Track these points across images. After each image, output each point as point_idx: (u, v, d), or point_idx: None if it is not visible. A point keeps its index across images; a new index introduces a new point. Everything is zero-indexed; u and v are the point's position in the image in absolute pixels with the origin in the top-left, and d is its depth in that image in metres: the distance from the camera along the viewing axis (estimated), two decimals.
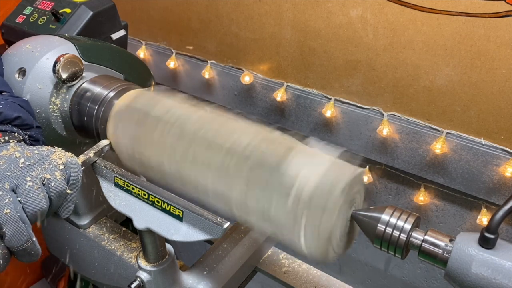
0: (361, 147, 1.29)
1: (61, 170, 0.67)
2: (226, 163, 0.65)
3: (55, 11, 1.05)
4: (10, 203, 0.61)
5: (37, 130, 0.79)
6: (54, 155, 0.69)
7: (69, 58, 0.82)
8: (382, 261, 1.52)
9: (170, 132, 0.72)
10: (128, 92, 0.83)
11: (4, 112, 0.74)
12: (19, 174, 0.64)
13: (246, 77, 1.42)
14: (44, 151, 0.69)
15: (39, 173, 0.65)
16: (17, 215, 0.61)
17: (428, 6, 1.06)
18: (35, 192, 0.63)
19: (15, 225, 0.61)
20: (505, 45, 0.99)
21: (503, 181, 1.10)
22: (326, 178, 0.60)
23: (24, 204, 0.63)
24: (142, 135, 0.75)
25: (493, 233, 0.55)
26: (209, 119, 0.72)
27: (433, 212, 1.29)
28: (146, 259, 0.81)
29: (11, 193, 0.62)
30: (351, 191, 0.62)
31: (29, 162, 0.66)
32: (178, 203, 0.71)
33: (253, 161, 0.63)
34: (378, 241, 0.63)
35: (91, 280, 1.05)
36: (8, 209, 0.60)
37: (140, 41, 1.66)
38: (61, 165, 0.68)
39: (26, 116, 0.77)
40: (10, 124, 0.75)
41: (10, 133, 0.74)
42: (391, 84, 1.19)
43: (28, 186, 0.63)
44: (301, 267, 0.95)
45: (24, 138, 0.76)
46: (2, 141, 0.72)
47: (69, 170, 0.68)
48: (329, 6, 1.19)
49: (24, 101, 0.80)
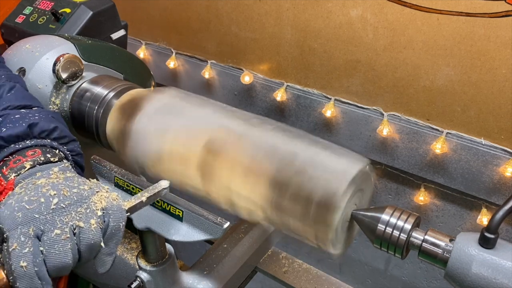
0: (361, 147, 1.29)
1: (98, 217, 0.57)
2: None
3: (55, 11, 1.05)
4: (29, 253, 0.53)
5: (75, 143, 0.72)
6: (96, 197, 0.59)
7: (69, 58, 0.82)
8: (382, 261, 1.51)
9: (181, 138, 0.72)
10: (129, 92, 0.83)
11: (41, 123, 0.67)
12: (49, 218, 0.55)
13: (246, 77, 1.42)
14: (85, 190, 0.59)
15: (72, 218, 0.55)
16: (35, 270, 0.52)
17: (428, 6, 1.06)
18: (62, 243, 0.54)
19: (30, 281, 0.52)
20: (505, 45, 0.99)
21: (503, 181, 1.10)
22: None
23: (46, 256, 0.54)
24: (150, 135, 0.74)
25: (493, 233, 0.55)
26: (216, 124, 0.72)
27: (433, 212, 1.29)
28: (146, 259, 0.80)
29: (34, 241, 0.53)
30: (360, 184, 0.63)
31: (63, 204, 0.56)
32: (178, 203, 0.71)
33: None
34: (378, 241, 0.63)
35: (91, 280, 1.05)
36: (25, 262, 0.52)
37: (140, 41, 1.66)
38: (99, 210, 0.57)
39: (62, 127, 0.70)
40: (49, 138, 0.68)
41: (51, 149, 0.66)
42: (391, 84, 1.19)
43: (54, 235, 0.54)
44: (301, 267, 0.95)
45: (66, 154, 0.69)
46: (43, 159, 0.63)
47: (108, 217, 0.58)
48: (329, 6, 1.19)
49: (56, 113, 0.75)
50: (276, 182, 0.63)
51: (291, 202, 0.63)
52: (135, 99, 0.79)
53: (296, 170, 0.63)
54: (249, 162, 0.65)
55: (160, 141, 0.73)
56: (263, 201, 0.65)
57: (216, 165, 0.68)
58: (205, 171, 0.69)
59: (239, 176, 0.66)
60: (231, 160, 0.67)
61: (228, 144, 0.68)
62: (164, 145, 0.72)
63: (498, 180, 1.11)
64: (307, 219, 0.62)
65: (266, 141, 0.67)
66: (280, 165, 0.64)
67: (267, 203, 0.65)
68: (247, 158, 0.66)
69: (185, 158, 0.71)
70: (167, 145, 0.72)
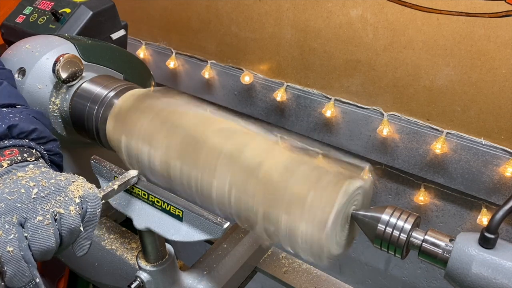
0: (361, 147, 1.29)
1: (76, 204, 0.61)
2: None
3: (55, 11, 1.05)
4: (15, 239, 0.56)
5: (54, 143, 0.75)
6: (72, 186, 0.63)
7: (69, 58, 0.82)
8: (382, 261, 1.51)
9: (176, 136, 0.72)
10: (129, 92, 0.83)
11: (20, 124, 0.69)
12: (30, 207, 0.59)
13: (246, 77, 1.42)
14: (62, 180, 0.63)
15: (52, 206, 0.60)
16: (21, 254, 0.56)
17: (428, 6, 1.06)
18: (44, 228, 0.58)
19: (17, 264, 0.56)
20: (505, 45, 0.99)
21: (503, 181, 1.10)
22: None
23: (31, 241, 0.57)
24: (150, 136, 0.74)
25: (493, 233, 0.55)
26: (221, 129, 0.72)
27: (433, 212, 1.29)
28: (146, 259, 0.80)
29: (18, 228, 0.57)
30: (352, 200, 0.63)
31: (43, 193, 0.60)
32: (178, 203, 0.71)
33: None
34: (378, 241, 0.63)
35: (91, 280, 1.05)
36: (11, 247, 0.56)
37: (140, 41, 1.66)
38: (77, 198, 0.62)
39: (42, 128, 0.73)
40: (27, 138, 0.71)
41: (28, 149, 0.70)
42: (391, 84, 1.19)
43: (37, 221, 0.58)
44: (301, 267, 0.95)
45: (42, 153, 0.72)
46: (20, 159, 0.67)
47: (86, 204, 0.63)
48: (329, 6, 1.19)
49: (39, 113, 0.77)
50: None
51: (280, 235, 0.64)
52: (132, 103, 0.79)
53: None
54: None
55: (158, 144, 0.73)
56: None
57: (216, 168, 0.68)
58: (197, 188, 0.70)
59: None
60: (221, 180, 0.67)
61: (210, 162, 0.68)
62: (163, 148, 0.73)
63: (498, 180, 1.11)
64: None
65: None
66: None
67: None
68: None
69: (185, 161, 0.71)
70: (157, 159, 0.73)
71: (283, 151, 0.67)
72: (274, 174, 0.63)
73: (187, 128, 0.72)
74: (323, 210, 0.60)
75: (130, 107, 0.79)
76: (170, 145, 0.72)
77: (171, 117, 0.74)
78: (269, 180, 0.63)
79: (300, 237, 0.62)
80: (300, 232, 0.61)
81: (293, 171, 0.63)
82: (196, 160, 0.69)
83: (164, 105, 0.77)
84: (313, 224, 0.60)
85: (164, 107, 0.76)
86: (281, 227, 0.63)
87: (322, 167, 0.64)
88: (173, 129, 0.73)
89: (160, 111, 0.75)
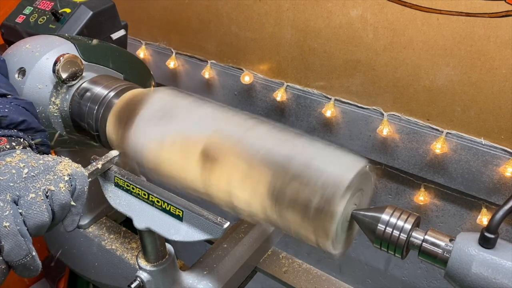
0: (361, 147, 1.29)
1: (65, 182, 0.65)
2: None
3: (55, 11, 1.05)
4: (10, 215, 0.59)
5: (43, 133, 0.78)
6: (60, 166, 0.66)
7: (69, 58, 0.82)
8: (382, 261, 1.52)
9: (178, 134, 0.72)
10: (129, 92, 0.83)
11: (10, 116, 0.72)
12: (22, 185, 0.62)
13: (246, 77, 1.42)
14: (50, 161, 0.67)
15: (42, 184, 0.63)
16: (17, 228, 0.59)
17: (428, 6, 1.06)
18: (37, 204, 0.61)
19: (14, 239, 0.59)
20: (505, 45, 0.99)
21: (503, 181, 1.10)
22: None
23: (25, 217, 0.61)
24: (150, 136, 0.74)
25: (493, 233, 0.55)
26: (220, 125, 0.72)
27: (433, 212, 1.29)
28: (146, 259, 0.80)
29: (12, 205, 0.60)
30: (359, 184, 0.63)
31: (33, 173, 0.63)
32: (178, 203, 0.71)
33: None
34: (378, 241, 0.63)
35: (91, 280, 1.05)
36: (7, 222, 0.58)
37: (140, 41, 1.66)
38: (66, 176, 0.65)
39: (31, 119, 0.75)
40: (16, 129, 0.73)
41: (16, 138, 0.72)
42: (391, 84, 1.19)
43: (30, 198, 0.61)
44: (301, 267, 0.95)
45: (30, 143, 0.75)
46: (8, 147, 0.70)
47: (75, 182, 0.66)
48: (329, 6, 1.19)
49: (29, 103, 0.79)
50: (273, 188, 0.63)
51: (289, 208, 0.63)
52: (132, 103, 0.79)
53: (292, 175, 0.62)
54: (247, 168, 0.65)
55: (157, 148, 0.73)
56: (262, 206, 0.65)
57: (215, 171, 0.68)
58: (204, 177, 0.69)
59: (238, 182, 0.66)
60: (228, 166, 0.67)
61: (225, 150, 0.68)
62: (162, 152, 0.73)
63: (498, 180, 1.11)
64: (306, 224, 0.62)
65: (263, 145, 0.67)
66: (276, 171, 0.63)
67: (267, 208, 0.65)
68: (244, 164, 0.66)
69: (183, 165, 0.71)
70: (165, 152, 0.73)
71: None
72: None
73: (189, 127, 0.72)
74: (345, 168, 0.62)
75: (130, 107, 0.79)
76: (171, 144, 0.72)
77: (173, 116, 0.74)
78: None
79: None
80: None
81: None
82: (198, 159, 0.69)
83: (165, 104, 0.77)
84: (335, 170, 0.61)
85: (165, 106, 0.76)
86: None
87: None
88: (174, 128, 0.73)
89: (161, 110, 0.75)
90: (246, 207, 0.67)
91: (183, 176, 0.72)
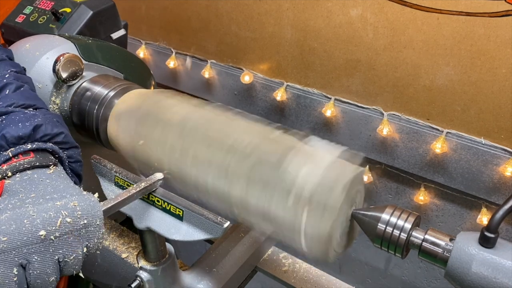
0: (361, 146, 1.29)
1: (84, 246, 0.57)
2: (227, 161, 0.65)
3: (55, 11, 1.05)
4: (13, 284, 0.52)
5: (76, 150, 0.71)
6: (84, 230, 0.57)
7: (69, 58, 0.82)
8: (382, 260, 1.52)
9: (171, 131, 0.72)
10: (129, 91, 0.83)
11: (45, 125, 0.65)
12: (37, 248, 0.53)
13: (246, 77, 1.42)
14: (78, 215, 0.57)
15: (58, 252, 0.54)
16: None
17: (428, 6, 1.06)
18: (47, 275, 0.54)
19: None
20: (505, 44, 0.99)
21: (503, 180, 1.10)
22: (328, 176, 0.60)
23: (30, 284, 0.53)
24: (143, 134, 0.75)
25: (493, 232, 0.55)
26: (210, 118, 0.72)
27: (433, 211, 1.29)
28: (146, 259, 0.80)
29: (19, 269, 0.52)
30: (352, 190, 0.62)
31: (52, 236, 0.54)
32: (178, 202, 0.71)
33: (253, 159, 0.64)
34: (378, 240, 0.63)
35: (91, 279, 1.05)
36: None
37: (140, 40, 1.66)
38: (86, 240, 0.57)
39: (67, 132, 0.69)
40: (51, 142, 0.66)
41: (48, 153, 0.65)
42: (391, 84, 1.19)
43: (40, 265, 0.53)
44: (301, 267, 0.95)
45: (63, 159, 0.68)
46: (37, 164, 0.62)
47: (94, 244, 0.58)
48: (329, 5, 1.19)
49: (59, 117, 0.73)
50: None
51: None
52: (130, 108, 0.79)
53: None
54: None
55: (150, 154, 0.73)
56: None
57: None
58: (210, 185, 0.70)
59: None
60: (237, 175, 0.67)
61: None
62: (155, 157, 0.73)
63: (498, 180, 1.11)
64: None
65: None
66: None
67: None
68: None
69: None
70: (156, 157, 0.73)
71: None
72: None
73: (187, 125, 0.72)
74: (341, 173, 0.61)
75: (130, 107, 0.79)
76: (172, 143, 0.72)
77: (173, 116, 0.74)
78: None
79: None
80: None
81: None
82: (204, 157, 0.69)
83: (164, 104, 0.77)
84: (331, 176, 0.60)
85: (164, 106, 0.76)
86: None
87: None
88: (174, 128, 0.73)
89: (161, 110, 0.75)
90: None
91: (184, 170, 0.72)
